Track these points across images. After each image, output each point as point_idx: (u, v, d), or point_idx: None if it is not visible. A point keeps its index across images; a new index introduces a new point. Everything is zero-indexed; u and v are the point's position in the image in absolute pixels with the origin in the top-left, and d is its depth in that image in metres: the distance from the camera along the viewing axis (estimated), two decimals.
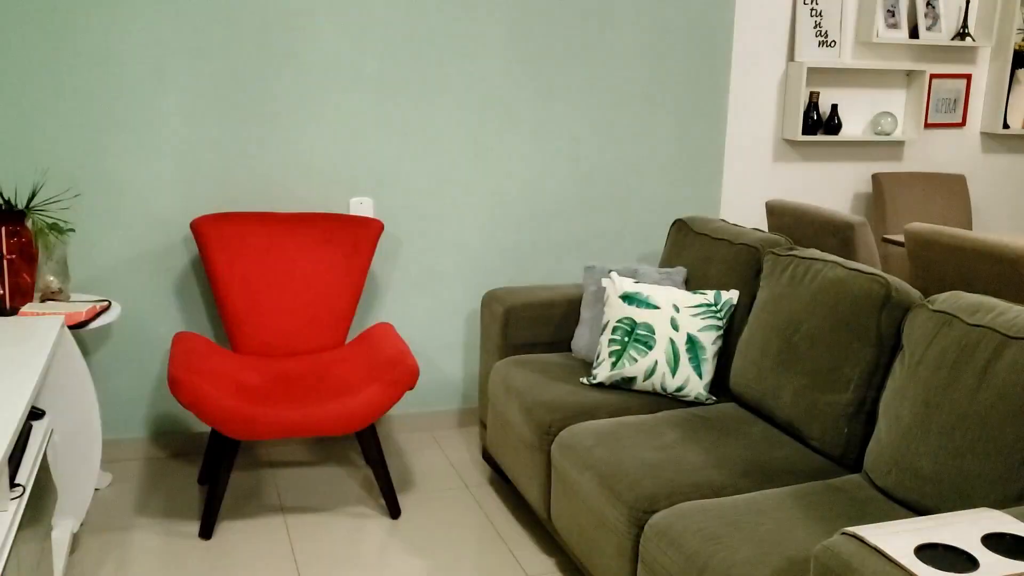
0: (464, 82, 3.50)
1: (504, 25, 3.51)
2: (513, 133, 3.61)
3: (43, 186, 3.11)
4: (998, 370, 1.92)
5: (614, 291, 2.90)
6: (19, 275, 2.75)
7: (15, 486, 2.00)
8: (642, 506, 2.15)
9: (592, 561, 2.37)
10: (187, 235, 3.30)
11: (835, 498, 2.10)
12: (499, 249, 3.68)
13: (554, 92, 3.63)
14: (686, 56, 3.79)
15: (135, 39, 3.12)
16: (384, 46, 3.38)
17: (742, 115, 4.04)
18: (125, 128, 3.17)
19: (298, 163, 3.36)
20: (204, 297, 3.36)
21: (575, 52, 3.63)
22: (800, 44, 4.02)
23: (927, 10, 4.20)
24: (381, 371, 2.89)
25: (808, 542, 1.88)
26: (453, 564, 2.72)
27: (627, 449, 2.38)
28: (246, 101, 3.27)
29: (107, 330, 3.29)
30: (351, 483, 3.22)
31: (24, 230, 2.76)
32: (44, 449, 2.31)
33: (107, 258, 3.23)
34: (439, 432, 3.70)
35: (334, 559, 2.73)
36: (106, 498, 3.07)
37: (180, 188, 3.25)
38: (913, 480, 2.03)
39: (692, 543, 1.94)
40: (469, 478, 3.29)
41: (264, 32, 3.24)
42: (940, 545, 1.44)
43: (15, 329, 2.49)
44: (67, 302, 2.93)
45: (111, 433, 3.35)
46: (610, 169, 3.77)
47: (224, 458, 2.80)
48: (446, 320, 3.67)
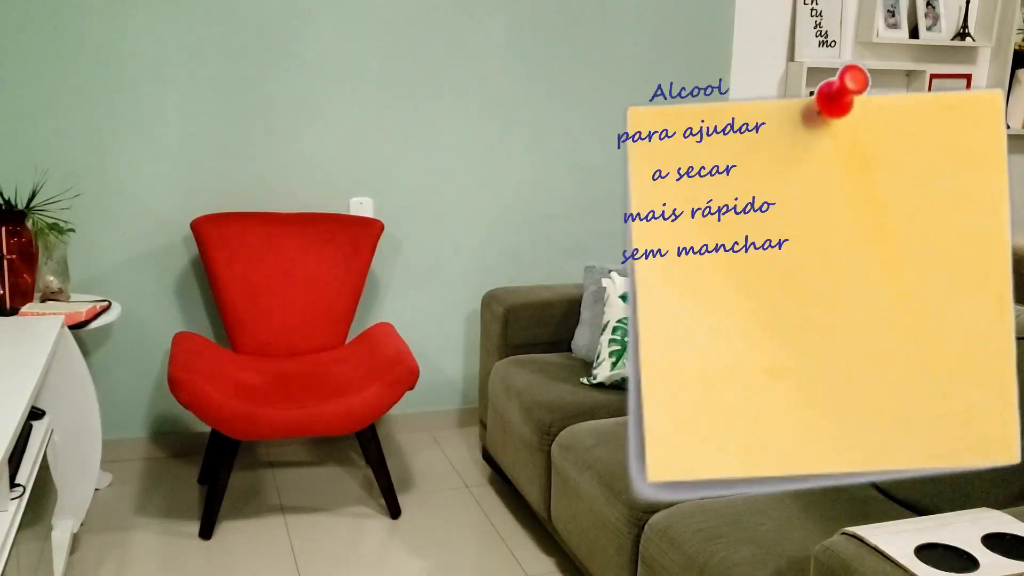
0: (465, 82, 3.50)
1: (504, 25, 3.51)
2: (513, 133, 3.61)
3: (43, 186, 3.11)
4: None
5: (614, 291, 2.90)
6: (19, 275, 2.75)
7: (15, 486, 2.00)
8: (642, 506, 2.15)
9: (592, 561, 2.36)
10: (187, 235, 3.30)
11: (835, 498, 2.10)
12: (499, 249, 3.68)
13: (554, 92, 3.63)
14: (686, 56, 3.78)
15: (135, 39, 3.12)
16: (384, 46, 3.38)
17: None
18: (125, 128, 3.17)
19: (298, 163, 3.36)
20: (204, 297, 3.36)
21: (575, 52, 3.63)
22: (800, 44, 4.02)
23: (927, 10, 4.20)
24: (381, 371, 2.89)
25: (808, 542, 1.88)
26: (453, 564, 2.72)
27: (627, 449, 2.37)
28: (246, 101, 3.27)
29: (107, 330, 3.29)
30: (351, 483, 3.22)
31: (24, 230, 2.76)
32: (44, 449, 2.31)
33: (107, 258, 3.23)
34: (439, 432, 3.70)
35: (334, 559, 2.72)
36: (106, 498, 3.07)
37: (180, 188, 3.25)
38: (913, 480, 2.03)
39: (692, 543, 1.94)
40: (469, 478, 3.29)
41: (264, 32, 3.24)
42: (940, 545, 1.44)
43: (15, 329, 2.49)
44: (67, 302, 2.93)
45: (111, 433, 3.35)
46: (610, 169, 3.77)
47: (224, 458, 2.80)
48: (446, 320, 3.67)
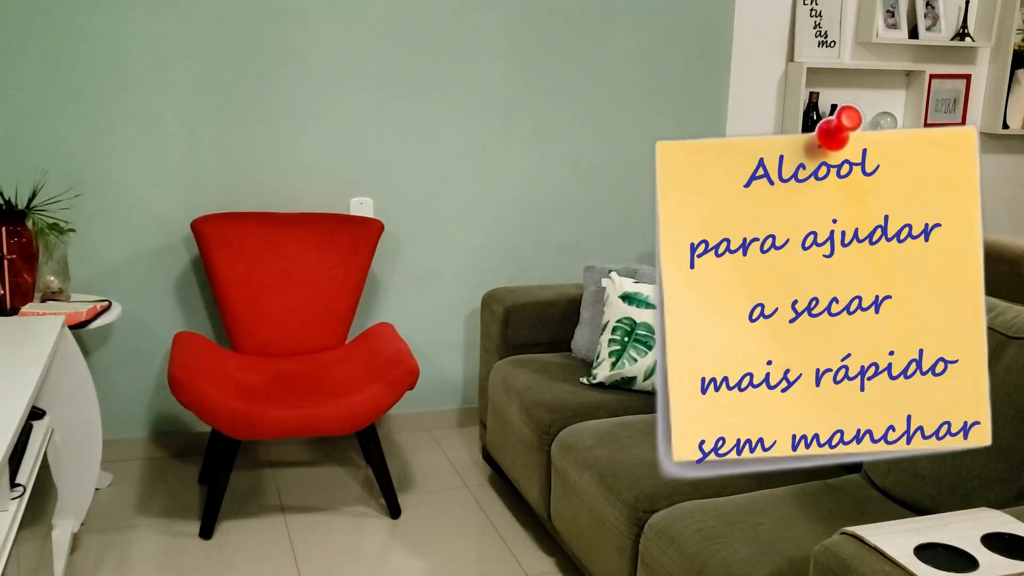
0: (464, 82, 3.50)
1: (504, 25, 3.51)
2: (513, 133, 3.61)
3: (43, 186, 3.11)
4: (998, 370, 1.92)
5: (614, 291, 2.90)
6: (19, 275, 2.75)
7: (15, 486, 2.01)
8: (642, 506, 2.15)
9: (592, 561, 2.37)
10: (187, 235, 3.30)
11: (835, 498, 2.10)
12: (499, 249, 3.68)
13: (554, 92, 3.63)
14: (686, 56, 3.79)
15: (135, 39, 3.12)
16: (384, 46, 3.38)
17: (742, 115, 4.04)
18: (125, 128, 3.17)
19: (298, 163, 3.36)
20: (204, 297, 3.36)
21: (575, 52, 3.63)
22: (800, 44, 4.02)
23: (927, 10, 4.20)
24: (381, 371, 2.89)
25: (808, 542, 1.88)
26: (453, 564, 2.72)
27: (627, 449, 2.38)
28: (246, 101, 3.27)
29: (107, 330, 3.30)
30: (351, 483, 3.22)
31: (24, 230, 2.77)
32: (44, 449, 2.31)
33: (107, 258, 3.23)
34: (439, 432, 3.70)
35: (334, 559, 2.73)
36: (106, 498, 3.07)
37: (180, 188, 3.26)
38: (913, 480, 2.03)
39: (692, 543, 1.94)
40: (469, 478, 3.29)
41: (264, 32, 3.24)
42: (940, 545, 1.44)
43: (15, 329, 2.49)
44: (67, 302, 2.93)
45: (111, 433, 3.35)
46: (610, 169, 3.77)
47: (224, 458, 2.80)
48: (446, 320, 3.67)
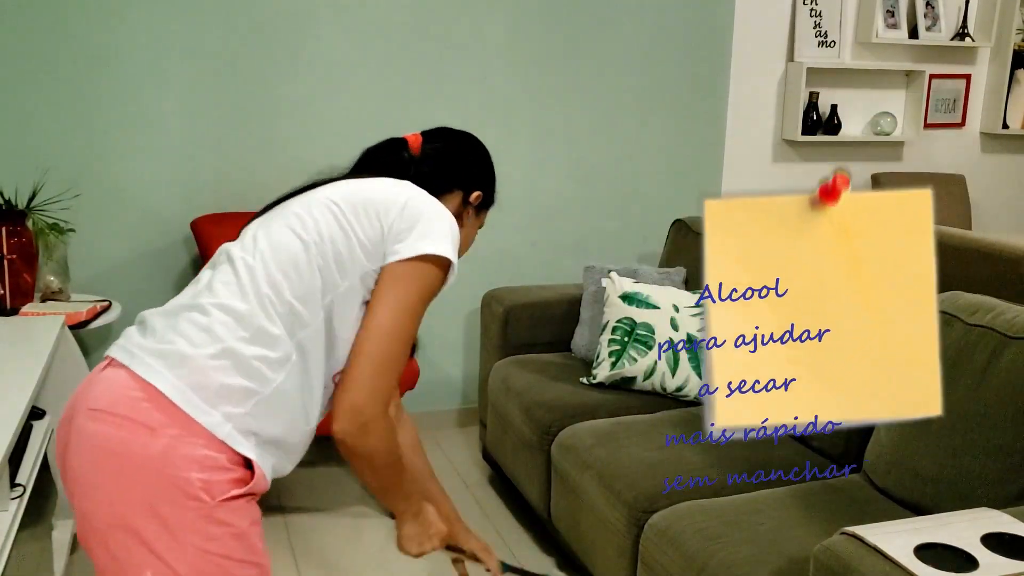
0: (465, 82, 3.50)
1: (504, 25, 3.51)
2: (513, 133, 3.61)
3: (43, 186, 3.11)
4: (997, 370, 1.92)
5: (614, 291, 2.90)
6: (19, 275, 2.75)
7: (15, 486, 2.01)
8: (642, 506, 2.15)
9: (592, 561, 2.37)
10: (187, 235, 3.30)
11: (835, 498, 2.10)
12: (499, 249, 3.68)
13: (554, 92, 3.63)
14: (686, 56, 3.79)
15: (135, 39, 3.12)
16: (385, 46, 3.39)
17: (742, 115, 4.04)
18: (125, 128, 3.17)
19: (298, 163, 3.36)
20: None
21: (575, 52, 3.63)
22: (800, 44, 4.02)
23: (927, 10, 4.20)
24: None
25: (808, 542, 1.88)
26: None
27: (627, 449, 2.38)
28: (246, 101, 3.27)
29: (107, 330, 3.30)
30: (351, 483, 3.22)
31: (24, 230, 2.77)
32: (44, 449, 2.31)
33: (107, 258, 3.23)
34: (439, 432, 3.71)
35: (334, 559, 2.73)
36: None
37: (180, 188, 3.26)
38: (913, 480, 2.03)
39: (692, 543, 1.94)
40: (469, 478, 3.29)
41: (264, 32, 3.24)
42: (939, 545, 1.44)
43: (15, 329, 2.49)
44: (67, 302, 2.93)
45: None
46: (610, 169, 3.77)
47: None
48: (446, 320, 3.67)
